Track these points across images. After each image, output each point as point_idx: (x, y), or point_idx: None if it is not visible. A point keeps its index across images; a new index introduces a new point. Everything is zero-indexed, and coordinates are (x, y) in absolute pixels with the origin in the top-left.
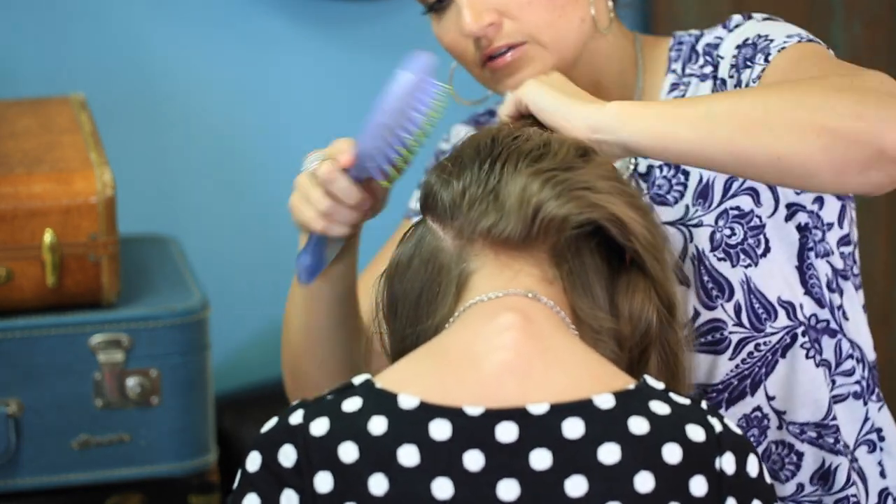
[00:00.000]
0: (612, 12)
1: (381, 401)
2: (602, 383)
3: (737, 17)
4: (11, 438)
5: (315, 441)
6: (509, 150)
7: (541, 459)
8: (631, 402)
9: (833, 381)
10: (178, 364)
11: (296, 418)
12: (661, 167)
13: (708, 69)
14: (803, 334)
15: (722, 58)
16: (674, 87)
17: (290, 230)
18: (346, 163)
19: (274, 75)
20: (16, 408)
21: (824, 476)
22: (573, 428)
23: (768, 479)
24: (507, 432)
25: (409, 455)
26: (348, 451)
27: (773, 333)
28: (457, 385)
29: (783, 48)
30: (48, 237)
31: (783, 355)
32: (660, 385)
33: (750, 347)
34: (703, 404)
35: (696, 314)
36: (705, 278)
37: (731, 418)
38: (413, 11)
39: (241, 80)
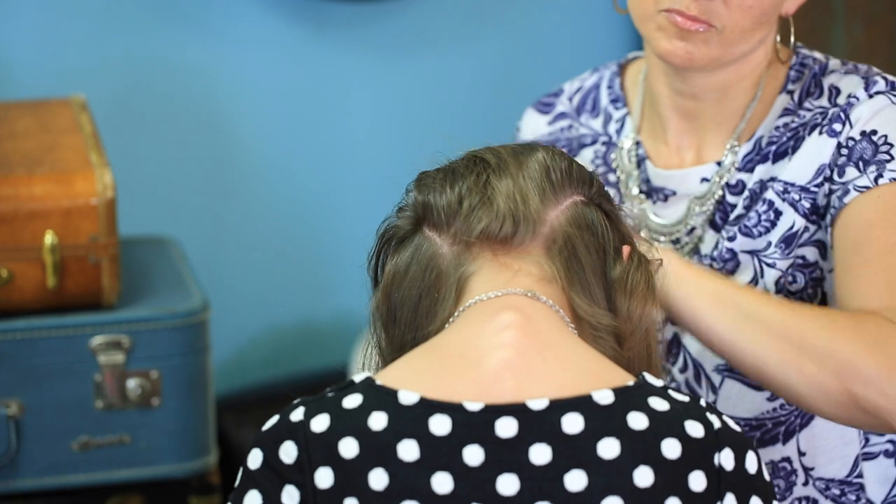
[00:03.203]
0: (791, 39)
1: (381, 397)
2: (601, 380)
3: (880, 83)
4: (12, 440)
5: (316, 437)
6: (510, 165)
7: (540, 454)
8: (630, 398)
9: (867, 439)
10: (178, 365)
11: (297, 415)
12: (753, 201)
13: (831, 124)
14: None
15: (850, 125)
16: (787, 112)
17: (289, 232)
18: None
19: (274, 77)
20: (16, 409)
21: None
22: (572, 423)
23: (767, 477)
24: (506, 427)
25: (409, 450)
26: (349, 447)
27: None
28: (456, 382)
29: (894, 179)
30: (49, 238)
31: None
32: (659, 382)
33: None
34: (702, 401)
35: None
36: None
37: None
38: (413, 13)
39: (241, 82)
